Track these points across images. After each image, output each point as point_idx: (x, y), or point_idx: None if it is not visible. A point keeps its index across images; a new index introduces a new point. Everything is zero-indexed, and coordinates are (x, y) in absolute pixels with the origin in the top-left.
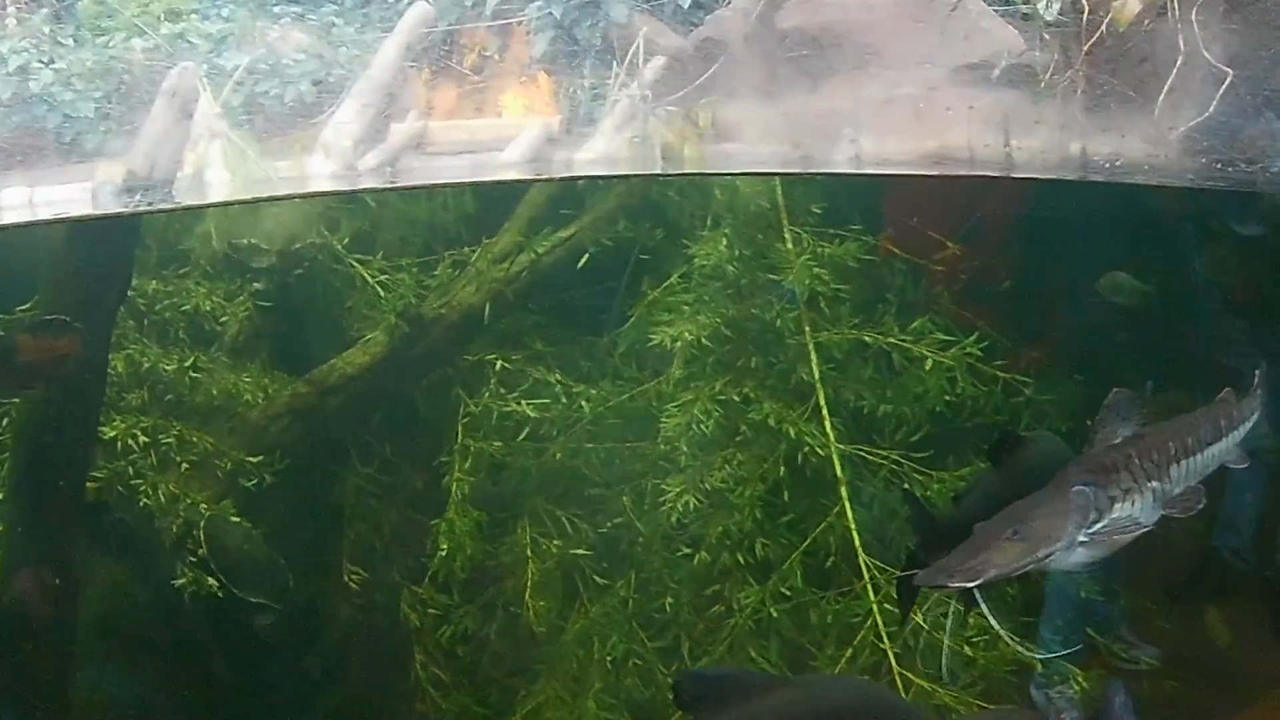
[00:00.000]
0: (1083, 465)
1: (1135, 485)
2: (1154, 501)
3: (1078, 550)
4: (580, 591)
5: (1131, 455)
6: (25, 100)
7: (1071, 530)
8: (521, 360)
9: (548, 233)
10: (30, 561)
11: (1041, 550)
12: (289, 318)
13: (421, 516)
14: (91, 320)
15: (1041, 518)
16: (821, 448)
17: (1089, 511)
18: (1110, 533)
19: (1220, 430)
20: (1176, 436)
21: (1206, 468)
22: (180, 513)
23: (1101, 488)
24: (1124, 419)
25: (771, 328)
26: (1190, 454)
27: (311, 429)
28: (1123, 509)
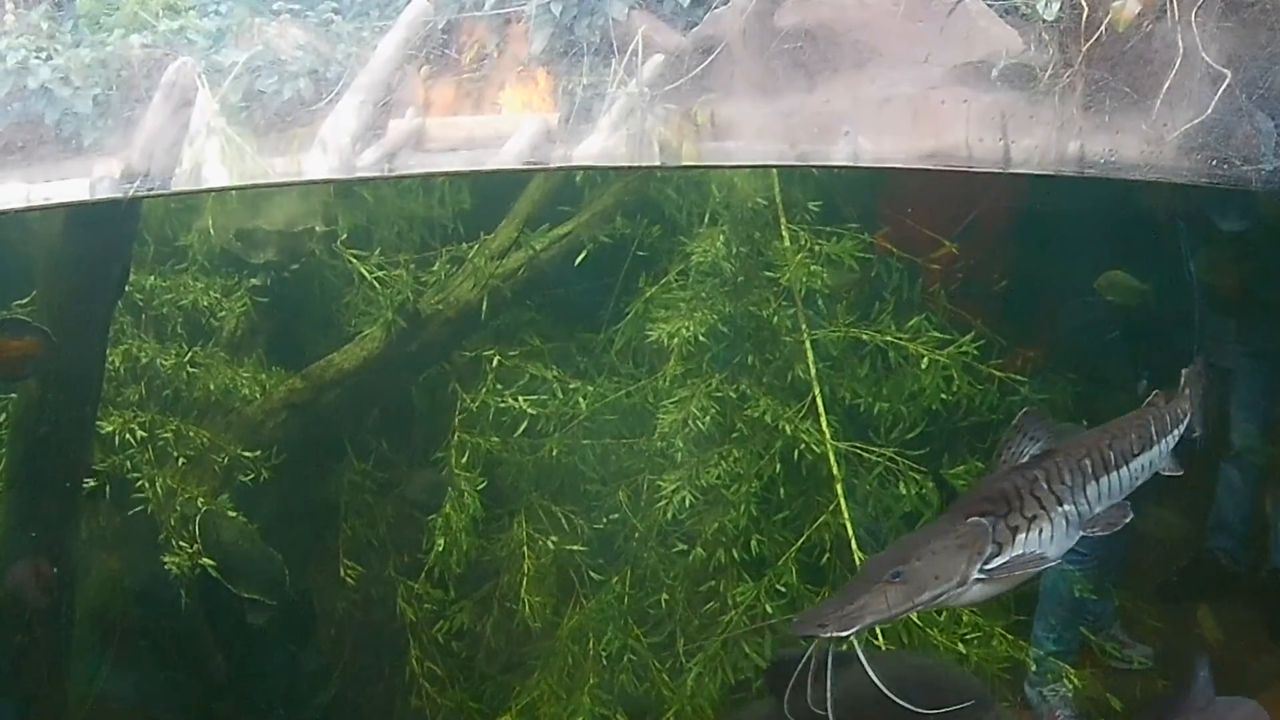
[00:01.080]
0: (980, 494)
1: (1043, 512)
2: (1068, 528)
3: (974, 588)
4: (575, 587)
5: (1038, 479)
6: (22, 96)
7: (965, 568)
8: (518, 356)
9: (545, 229)
10: (27, 554)
11: (928, 593)
12: (286, 313)
13: (417, 512)
14: (88, 314)
15: (929, 556)
16: (817, 445)
17: (986, 546)
18: (1011, 569)
19: (1148, 438)
20: (1093, 451)
21: (1133, 481)
22: (177, 506)
23: (1001, 518)
24: (1033, 439)
25: (768, 325)
26: (1111, 469)
27: (307, 424)
28: (1028, 540)
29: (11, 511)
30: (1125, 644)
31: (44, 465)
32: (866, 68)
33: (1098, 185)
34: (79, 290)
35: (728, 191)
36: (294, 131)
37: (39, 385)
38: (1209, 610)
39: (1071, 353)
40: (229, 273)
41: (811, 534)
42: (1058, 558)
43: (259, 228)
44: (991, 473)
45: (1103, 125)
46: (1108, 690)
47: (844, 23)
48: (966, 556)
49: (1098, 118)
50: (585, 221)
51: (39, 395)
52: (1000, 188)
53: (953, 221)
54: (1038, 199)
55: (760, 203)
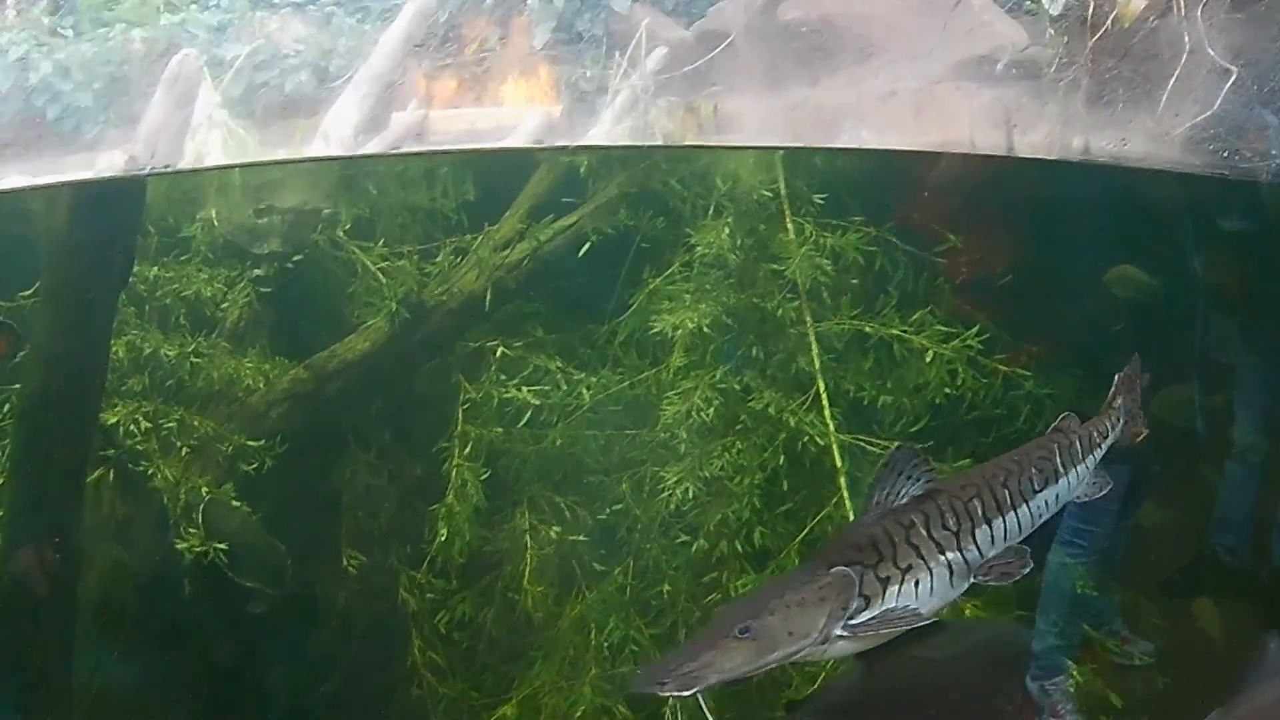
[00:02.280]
0: (848, 540)
1: (920, 562)
2: (951, 578)
3: (837, 644)
4: (578, 578)
5: (915, 524)
6: (24, 91)
7: (825, 624)
8: (522, 347)
9: (550, 221)
10: (31, 539)
11: (781, 650)
12: (289, 304)
13: (420, 502)
14: (92, 303)
15: (783, 610)
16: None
17: (850, 600)
18: (879, 625)
19: (1052, 471)
20: (984, 491)
21: (1036, 520)
22: (181, 496)
23: (870, 568)
24: (909, 478)
25: (772, 317)
26: (1007, 510)
27: (311, 414)
28: (901, 593)
29: (15, 498)
30: (1126, 639)
31: (48, 453)
32: (870, 62)
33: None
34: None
35: (732, 184)
36: (296, 123)
37: (43, 374)
38: (1209, 603)
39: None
40: (233, 264)
41: (814, 526)
42: (933, 614)
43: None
44: (864, 516)
45: (1108, 120)
46: (1109, 687)
47: (847, 17)
48: (826, 611)
49: (1103, 113)
50: (589, 213)
51: (43, 384)
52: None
53: (958, 215)
54: (1043, 194)
55: (765, 195)
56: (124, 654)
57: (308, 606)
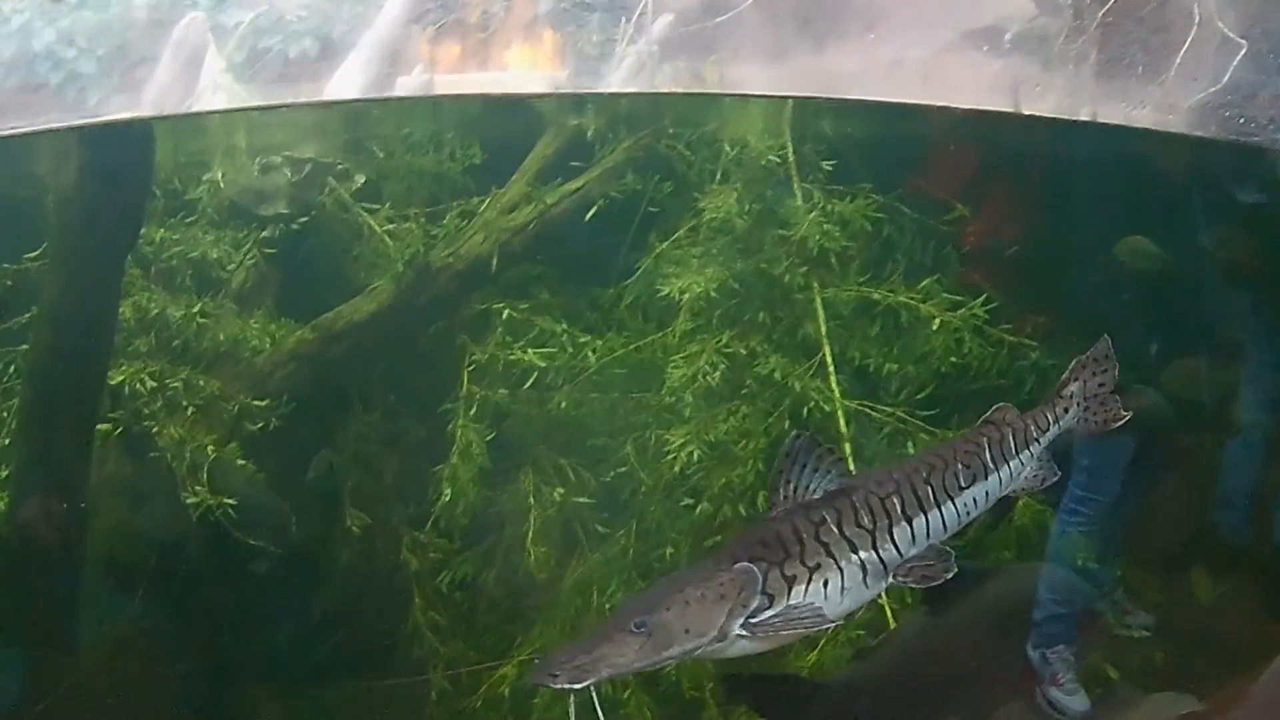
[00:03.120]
0: (754, 535)
1: (829, 561)
2: (865, 578)
3: (738, 643)
4: (581, 540)
5: (826, 521)
6: (28, 58)
7: (724, 622)
8: (528, 310)
9: (557, 184)
10: (39, 490)
11: (677, 647)
12: (295, 266)
13: (424, 463)
14: (102, 264)
15: (680, 606)
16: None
17: (753, 598)
18: (781, 626)
19: (981, 466)
20: (904, 487)
21: (963, 519)
22: (187, 454)
23: (776, 565)
24: (814, 470)
25: (779, 282)
26: (930, 507)
27: (316, 375)
28: (808, 593)
29: (24, 452)
30: (1128, 611)
31: (56, 409)
32: (876, 30)
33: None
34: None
35: (740, 149)
36: (300, 88)
37: (52, 333)
38: (1204, 572)
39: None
40: (239, 225)
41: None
42: (842, 617)
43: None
44: (770, 509)
45: (1117, 92)
46: (1106, 659)
47: None
48: (726, 609)
49: (1112, 84)
50: (596, 177)
51: (52, 342)
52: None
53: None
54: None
55: (773, 160)
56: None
57: (310, 565)
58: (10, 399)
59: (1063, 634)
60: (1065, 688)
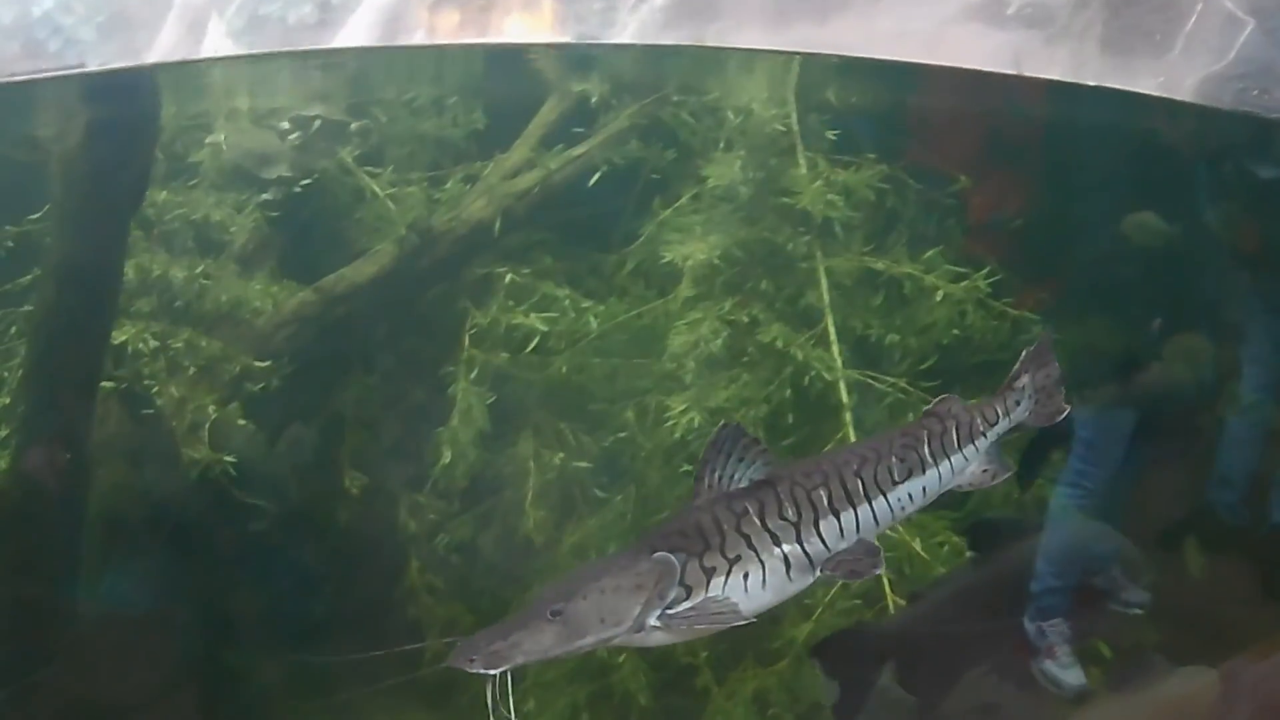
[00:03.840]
0: (674, 524)
1: (750, 553)
2: (788, 572)
3: (654, 634)
4: (579, 504)
5: (749, 512)
6: (27, 25)
7: (639, 613)
8: (530, 274)
9: (560, 150)
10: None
11: (592, 636)
12: (297, 228)
13: (424, 425)
14: (107, 223)
15: (596, 595)
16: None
17: (670, 589)
18: (698, 619)
19: (918, 460)
20: (833, 479)
21: (900, 511)
22: (187, 413)
23: (696, 556)
24: (739, 459)
25: (782, 251)
26: (860, 500)
27: (318, 336)
28: (728, 586)
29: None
30: (1124, 587)
31: (60, 364)
32: (879, 2)
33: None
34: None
35: (744, 118)
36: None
37: (56, 291)
38: (1195, 545)
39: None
40: (241, 188)
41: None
42: (758, 611)
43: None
44: (694, 499)
45: (1120, 67)
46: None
47: None
48: (642, 599)
49: (1115, 59)
50: (599, 143)
51: (55, 300)
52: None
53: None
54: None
55: (778, 129)
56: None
57: (308, 525)
58: (11, 359)
59: (1059, 607)
60: (1060, 661)
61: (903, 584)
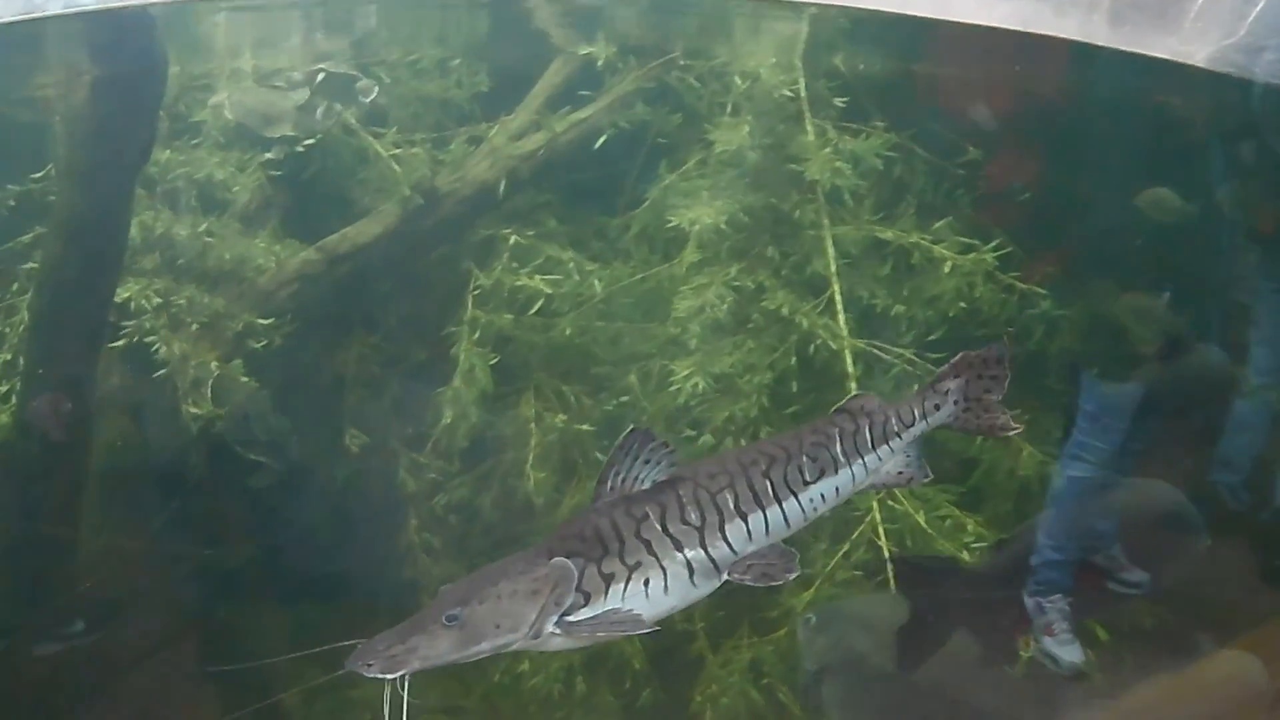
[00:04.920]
0: (573, 529)
1: (651, 559)
2: (692, 577)
3: (552, 640)
4: (579, 467)
5: (649, 516)
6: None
7: (536, 620)
8: (534, 236)
9: (565, 113)
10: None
11: (488, 642)
12: (300, 187)
13: (426, 385)
14: (112, 180)
15: (493, 600)
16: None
17: (567, 595)
18: (596, 628)
19: (834, 459)
20: (739, 481)
21: (811, 513)
22: (190, 369)
23: (594, 562)
24: (645, 460)
25: (789, 218)
26: (769, 502)
27: (320, 295)
28: (628, 592)
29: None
30: (1124, 567)
31: (65, 318)
32: None
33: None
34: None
35: (751, 83)
36: None
37: (62, 246)
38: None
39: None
40: (245, 147)
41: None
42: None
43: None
44: (595, 501)
45: (1129, 39)
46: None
47: None
48: (539, 606)
49: (1124, 31)
50: (605, 107)
51: (61, 255)
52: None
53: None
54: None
55: (786, 95)
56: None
57: (307, 482)
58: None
59: (1059, 583)
60: (1059, 638)
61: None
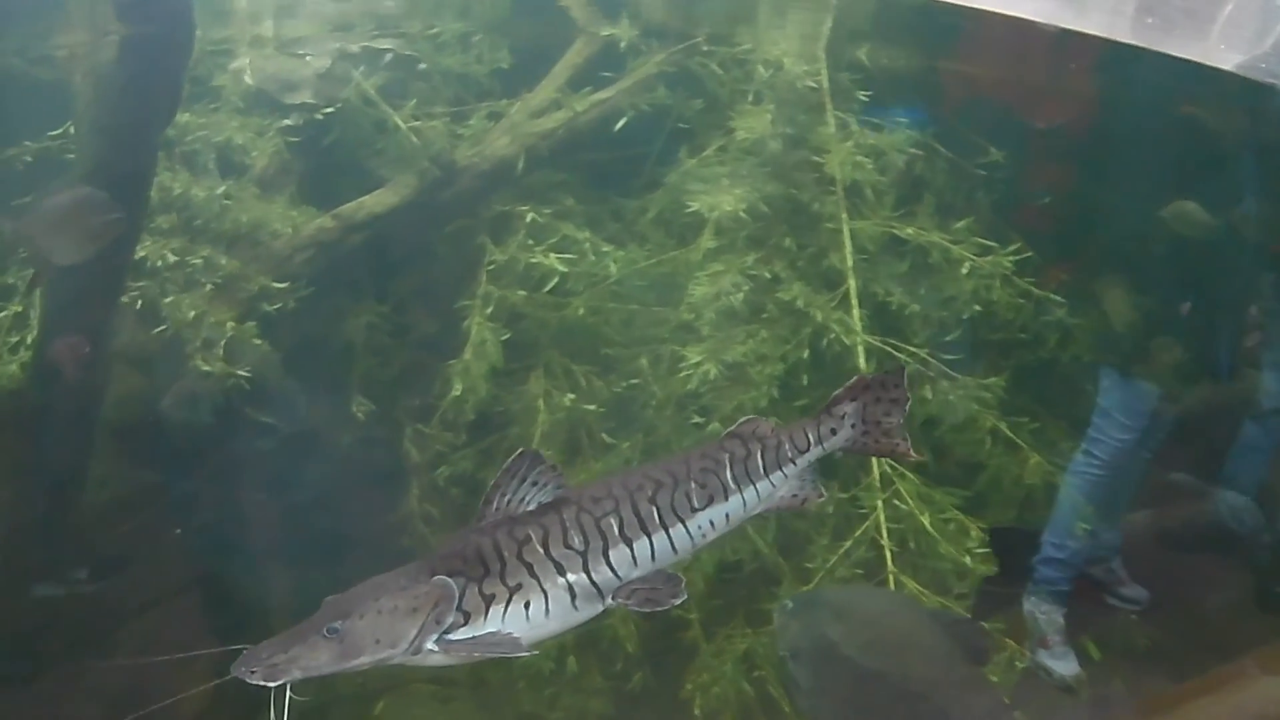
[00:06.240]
0: (456, 547)
1: (532, 582)
2: (573, 601)
3: (431, 657)
4: (585, 447)
5: (529, 539)
6: None
7: (415, 636)
8: (551, 214)
9: (586, 92)
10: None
11: (367, 656)
12: (318, 155)
13: (436, 357)
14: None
15: (373, 615)
16: (847, 336)
17: (447, 614)
18: (475, 648)
19: (724, 485)
20: (624, 506)
21: (699, 539)
22: (203, 329)
23: (476, 581)
24: (533, 483)
25: (807, 209)
26: (655, 528)
27: (335, 262)
28: (508, 614)
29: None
30: (1122, 581)
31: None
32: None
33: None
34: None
35: (774, 72)
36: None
37: None
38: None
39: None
40: (264, 112)
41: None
42: (540, 640)
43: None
44: (479, 520)
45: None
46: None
47: None
48: (418, 623)
49: (1150, 37)
50: (627, 88)
51: None
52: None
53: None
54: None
55: (809, 86)
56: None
57: (312, 445)
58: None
59: (1055, 581)
60: (1054, 651)
61: (906, 557)
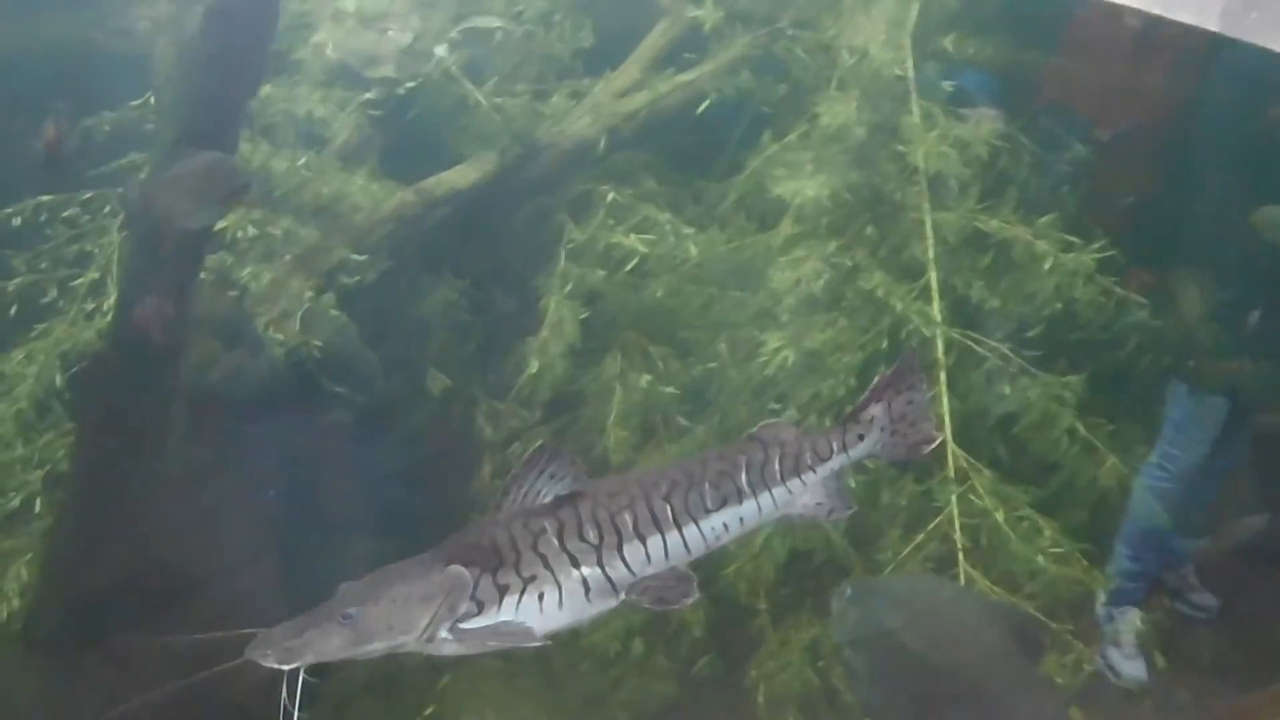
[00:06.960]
0: (472, 537)
1: (547, 574)
2: (588, 595)
3: (445, 646)
4: (660, 429)
5: (546, 531)
6: None
7: (429, 625)
8: (632, 195)
9: (670, 74)
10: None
11: (380, 642)
12: (400, 129)
13: (513, 334)
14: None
15: (387, 602)
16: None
17: (461, 602)
18: (488, 637)
19: (739, 489)
20: (639, 503)
21: (714, 541)
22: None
23: (490, 572)
24: (551, 475)
25: (890, 198)
26: (669, 527)
27: (414, 237)
28: (521, 605)
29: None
30: (1194, 587)
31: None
32: None
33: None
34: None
35: (859, 59)
36: None
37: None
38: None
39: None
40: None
41: None
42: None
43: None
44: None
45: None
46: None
47: None
48: (432, 610)
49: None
50: (710, 71)
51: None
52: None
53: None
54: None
55: (894, 74)
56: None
57: (387, 419)
58: (103, 237)
59: (1132, 593)
60: (1125, 651)
61: (977, 553)
